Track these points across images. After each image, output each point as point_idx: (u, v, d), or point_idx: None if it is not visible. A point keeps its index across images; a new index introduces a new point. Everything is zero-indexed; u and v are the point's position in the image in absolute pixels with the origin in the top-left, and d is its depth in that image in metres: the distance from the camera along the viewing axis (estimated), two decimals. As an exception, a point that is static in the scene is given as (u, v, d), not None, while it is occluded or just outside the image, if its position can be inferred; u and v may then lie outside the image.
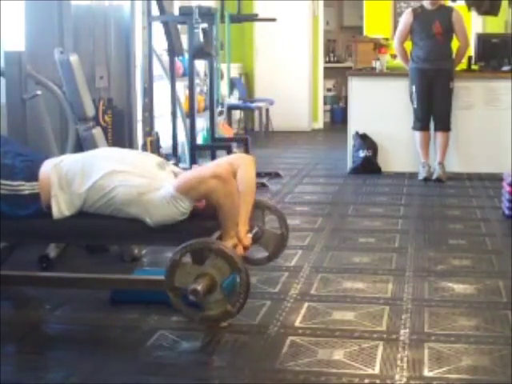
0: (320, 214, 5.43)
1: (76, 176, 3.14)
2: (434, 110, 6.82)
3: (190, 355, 2.94)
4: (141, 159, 3.35)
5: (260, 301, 3.47)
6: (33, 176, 3.15)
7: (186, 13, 6.02)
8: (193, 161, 6.26)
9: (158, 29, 6.24)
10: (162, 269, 4.03)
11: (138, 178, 3.15)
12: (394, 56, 7.44)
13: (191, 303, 3.01)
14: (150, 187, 3.13)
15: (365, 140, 7.10)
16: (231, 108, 9.62)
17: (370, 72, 7.43)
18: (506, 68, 7.01)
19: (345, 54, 12.89)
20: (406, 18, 6.94)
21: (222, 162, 3.39)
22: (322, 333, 3.09)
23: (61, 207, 3.14)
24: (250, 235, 3.30)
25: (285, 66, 10.90)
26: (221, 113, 7.51)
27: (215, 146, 6.76)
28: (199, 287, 2.87)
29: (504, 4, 7.66)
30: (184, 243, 2.98)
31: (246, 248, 3.22)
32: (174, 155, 6.24)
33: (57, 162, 3.23)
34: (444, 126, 6.81)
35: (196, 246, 3.00)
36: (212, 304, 2.97)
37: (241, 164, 3.30)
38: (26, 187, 3.13)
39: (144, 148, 5.55)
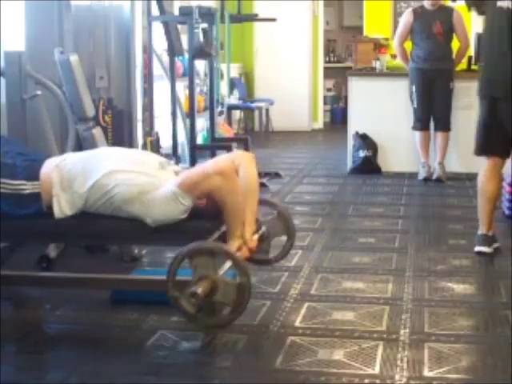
0: (320, 213, 5.43)
1: (77, 176, 3.14)
2: (434, 110, 6.82)
3: (190, 355, 2.94)
4: (142, 158, 3.34)
5: (260, 301, 3.47)
6: (34, 175, 3.15)
7: (185, 13, 6.02)
8: (193, 161, 6.25)
9: (158, 29, 6.24)
10: (161, 269, 4.05)
11: (139, 176, 3.13)
12: (393, 56, 7.44)
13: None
14: (150, 186, 3.12)
15: (365, 140, 7.10)
16: (231, 108, 9.61)
17: (370, 72, 7.42)
18: (505, 68, 7.00)
19: (345, 53, 12.89)
20: (406, 18, 6.94)
21: (223, 159, 3.37)
22: (322, 333, 3.10)
23: (62, 207, 3.13)
24: (255, 236, 3.27)
25: (285, 66, 10.89)
26: (221, 113, 7.51)
27: (215, 145, 6.75)
28: (199, 290, 2.84)
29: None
30: (183, 248, 2.94)
31: (251, 250, 3.19)
32: (173, 155, 6.24)
33: (59, 161, 3.22)
34: (444, 126, 6.81)
35: (199, 250, 2.96)
36: (212, 308, 2.93)
37: (242, 162, 3.26)
38: (26, 187, 3.13)
39: (144, 148, 5.55)
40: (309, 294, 3.59)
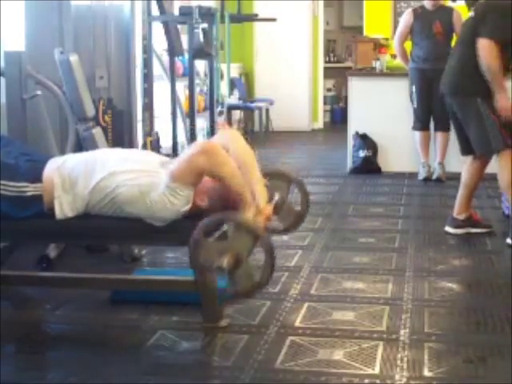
0: (320, 213, 5.43)
1: (79, 177, 3.13)
2: (433, 110, 6.81)
3: (190, 355, 2.94)
4: (143, 158, 3.33)
5: (260, 301, 3.47)
6: (37, 177, 3.14)
7: (185, 13, 6.01)
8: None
9: (158, 29, 6.24)
10: (161, 269, 4.06)
11: (140, 177, 3.12)
12: (394, 56, 7.44)
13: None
14: (152, 186, 3.10)
15: (365, 140, 7.11)
16: (231, 108, 9.60)
17: (370, 72, 7.43)
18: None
19: (345, 53, 12.90)
20: (406, 18, 6.94)
21: (205, 140, 3.33)
22: (322, 333, 3.10)
23: (64, 209, 3.13)
24: (270, 205, 3.20)
25: (285, 66, 10.90)
26: (221, 113, 7.50)
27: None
28: (224, 264, 2.79)
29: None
30: (203, 221, 2.91)
31: (267, 218, 3.12)
32: (174, 155, 6.24)
33: (60, 163, 3.21)
34: (444, 126, 6.80)
35: (215, 223, 2.94)
36: (239, 278, 2.87)
37: (228, 139, 3.24)
38: (29, 189, 3.11)
39: (144, 148, 5.54)
40: (309, 294, 3.59)
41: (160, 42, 6.60)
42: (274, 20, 8.19)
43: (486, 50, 4.36)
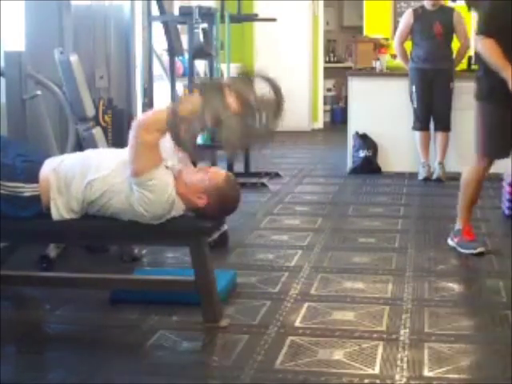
0: (320, 213, 5.43)
1: (74, 179, 3.12)
2: (434, 110, 6.82)
3: (190, 355, 2.94)
4: None
5: (260, 301, 3.47)
6: (33, 177, 3.13)
7: (185, 13, 6.02)
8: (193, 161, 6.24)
9: (158, 29, 6.25)
10: (161, 269, 4.06)
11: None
12: (394, 56, 7.44)
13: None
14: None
15: (365, 140, 7.11)
16: (231, 108, 9.58)
17: (370, 72, 7.42)
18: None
19: (345, 53, 12.88)
20: (406, 18, 6.95)
21: None
22: (322, 333, 3.10)
23: (60, 210, 3.12)
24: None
25: (285, 66, 10.88)
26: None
27: (215, 146, 6.75)
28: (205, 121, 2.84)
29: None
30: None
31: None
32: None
33: (56, 164, 3.19)
34: (444, 126, 6.81)
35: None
36: (226, 130, 2.90)
37: None
38: (26, 189, 3.11)
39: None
40: (309, 294, 3.59)
41: (160, 42, 6.60)
42: (274, 20, 8.18)
43: (480, 46, 4.30)
